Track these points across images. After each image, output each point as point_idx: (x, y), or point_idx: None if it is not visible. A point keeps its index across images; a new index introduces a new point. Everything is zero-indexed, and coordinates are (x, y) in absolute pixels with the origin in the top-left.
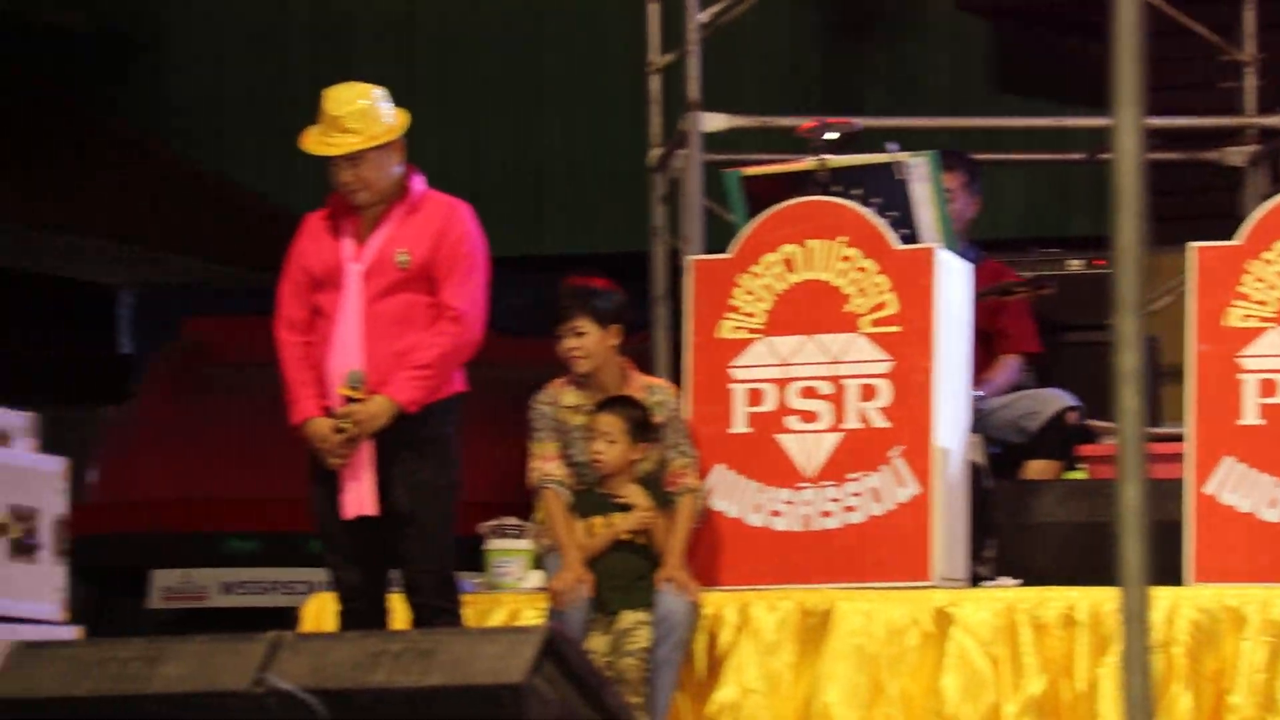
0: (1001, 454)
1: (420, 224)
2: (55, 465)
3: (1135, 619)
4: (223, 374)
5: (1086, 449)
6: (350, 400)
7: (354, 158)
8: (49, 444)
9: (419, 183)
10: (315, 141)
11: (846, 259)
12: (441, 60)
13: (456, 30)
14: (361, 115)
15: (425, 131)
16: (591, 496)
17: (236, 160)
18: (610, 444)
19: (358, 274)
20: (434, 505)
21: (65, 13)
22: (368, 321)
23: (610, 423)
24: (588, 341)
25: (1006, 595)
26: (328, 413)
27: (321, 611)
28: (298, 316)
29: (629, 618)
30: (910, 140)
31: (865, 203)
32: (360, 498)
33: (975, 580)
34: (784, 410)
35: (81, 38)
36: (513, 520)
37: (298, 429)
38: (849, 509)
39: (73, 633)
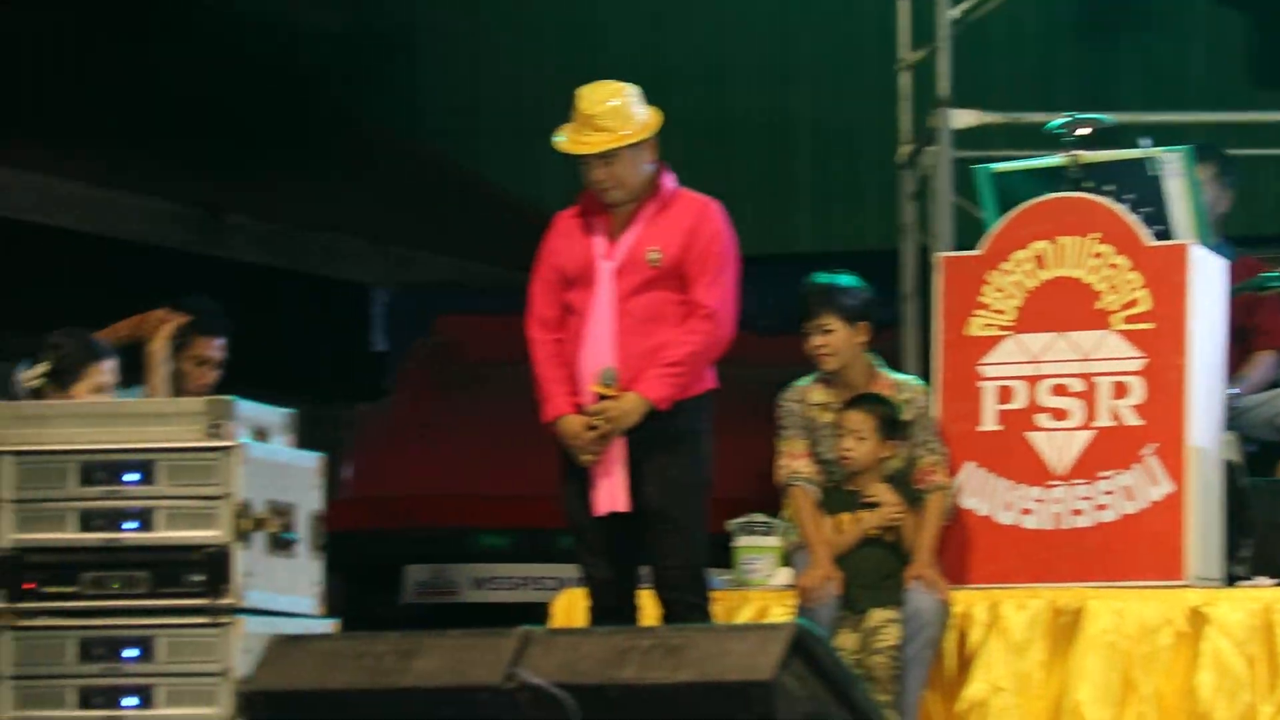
0: (1258, 452)
1: (672, 222)
2: (312, 461)
3: None
4: (475, 371)
5: None
6: (603, 397)
7: (607, 156)
8: (306, 440)
9: (670, 180)
10: (569, 140)
11: (1098, 255)
12: (690, 58)
13: (705, 28)
14: (615, 114)
15: (678, 132)
16: (840, 493)
17: (490, 159)
18: (859, 441)
19: (609, 272)
20: (685, 502)
21: (321, 15)
22: (619, 319)
23: (859, 420)
24: (835, 339)
25: (1263, 595)
26: (580, 410)
27: (572, 607)
28: (549, 314)
29: (878, 615)
30: (1164, 136)
31: (1118, 199)
32: (612, 494)
33: (1231, 580)
34: (1034, 408)
35: (337, 39)
36: (761, 517)
37: (549, 426)
38: (1101, 507)
39: (329, 627)
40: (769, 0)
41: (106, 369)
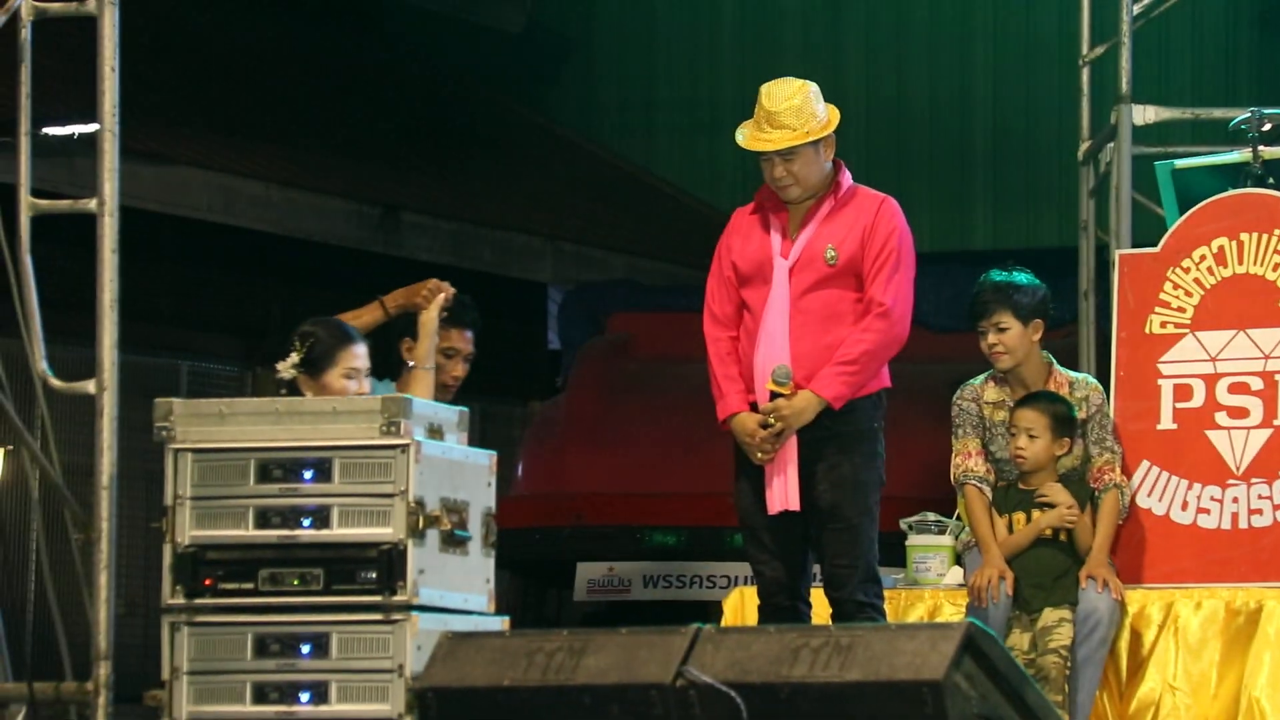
0: None
1: (849, 220)
2: (485, 459)
3: None
4: (647, 369)
5: None
6: (777, 395)
7: (788, 153)
8: (479, 437)
9: (847, 178)
10: (750, 136)
11: None
12: (869, 55)
13: (884, 25)
14: (796, 111)
15: (854, 129)
16: (1013, 492)
17: (664, 157)
18: (1032, 439)
19: (786, 269)
20: (858, 500)
21: (500, 13)
22: (795, 317)
23: (1032, 418)
24: (1009, 337)
25: None
26: (754, 408)
27: (742, 605)
28: (725, 312)
29: (1051, 615)
30: None
31: None
32: (785, 493)
33: None
34: (1213, 406)
35: (516, 38)
36: (934, 516)
37: (724, 424)
38: (1279, 507)
39: (500, 624)
40: (950, 2)
41: (358, 353)
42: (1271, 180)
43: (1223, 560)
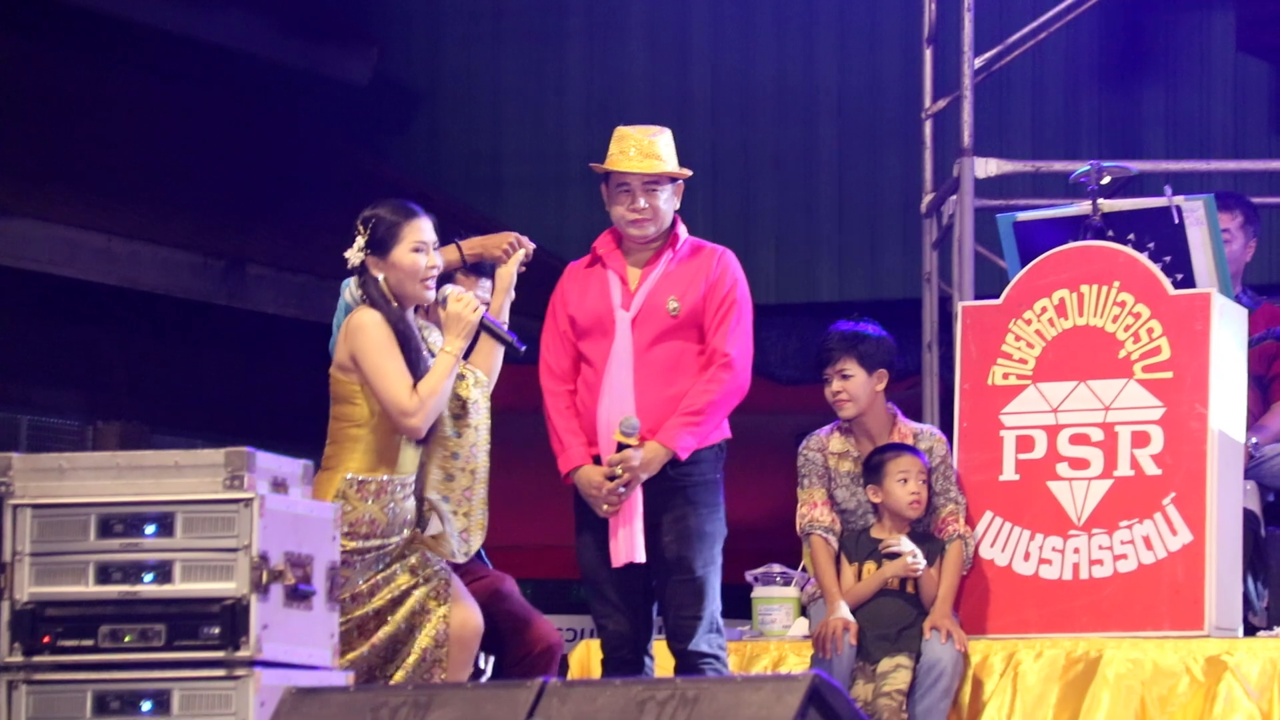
0: (1276, 501)
1: (689, 272)
2: (329, 512)
3: None
4: (497, 422)
5: None
6: (624, 446)
7: (653, 185)
8: None
9: (683, 230)
10: (633, 160)
11: (1120, 304)
12: (716, 114)
13: (729, 75)
14: (667, 145)
15: (701, 182)
16: (859, 542)
17: (511, 210)
18: (923, 484)
19: (627, 321)
20: (703, 552)
21: (347, 66)
22: (639, 369)
23: (919, 463)
24: (853, 385)
25: None
26: (596, 461)
27: (588, 658)
28: (562, 366)
29: (888, 662)
30: (1187, 184)
31: (1139, 247)
32: (631, 545)
33: (1249, 630)
34: (1054, 457)
35: (362, 90)
36: (779, 567)
37: (566, 477)
38: (1120, 557)
39: (345, 679)
40: (794, 49)
41: (423, 227)
42: (1111, 233)
43: (1064, 611)
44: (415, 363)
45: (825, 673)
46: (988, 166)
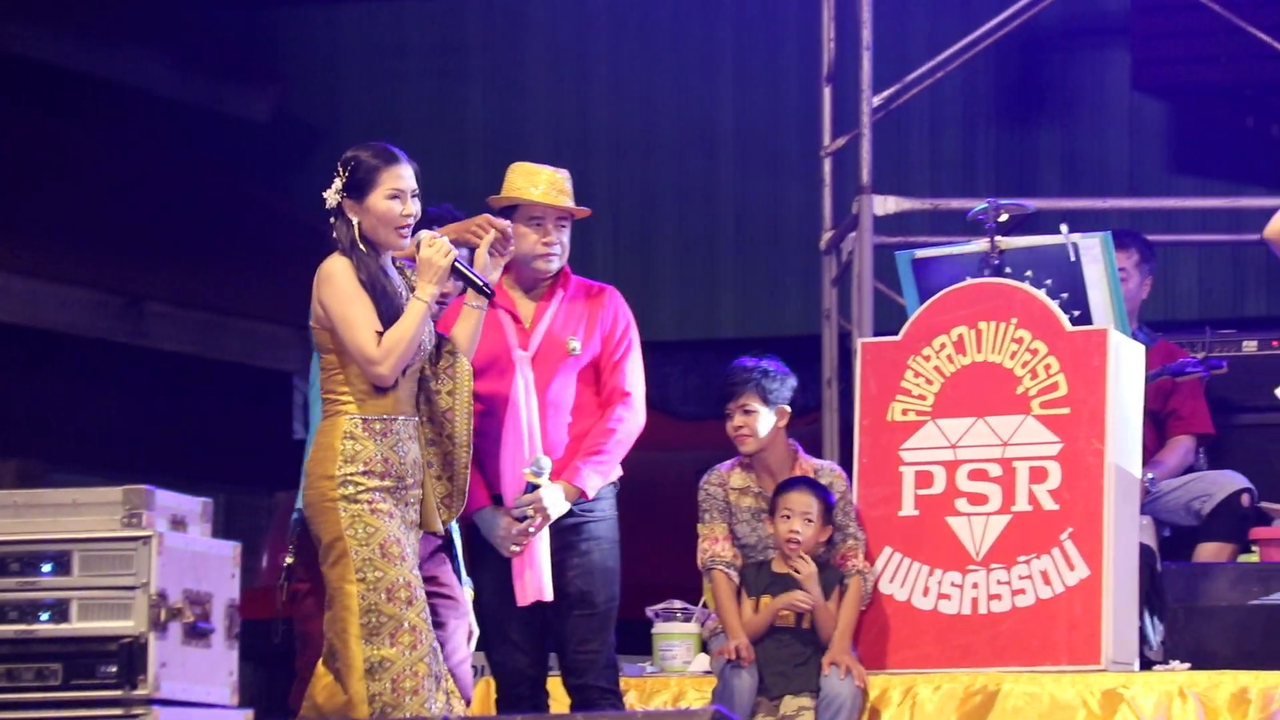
0: (1173, 536)
1: (581, 310)
2: (228, 550)
3: None
4: None
5: (1260, 532)
6: (533, 487)
7: (567, 219)
8: (223, 528)
9: (568, 268)
10: (546, 194)
11: (1017, 341)
12: (616, 150)
13: (628, 114)
14: (569, 184)
15: (601, 217)
16: (759, 575)
17: None
18: (808, 523)
19: (526, 360)
20: (606, 587)
21: (248, 104)
22: (542, 408)
23: (806, 502)
24: (754, 420)
25: (1177, 678)
26: (496, 501)
27: (488, 695)
28: None
29: (791, 703)
30: (1084, 222)
31: (1037, 284)
32: (538, 583)
33: (1146, 664)
34: (953, 493)
35: (263, 128)
36: (680, 603)
37: (466, 518)
38: (1018, 592)
39: (243, 717)
40: (694, 86)
41: (403, 174)
42: (1009, 270)
43: (963, 645)
44: (387, 310)
45: (726, 709)
46: (886, 204)
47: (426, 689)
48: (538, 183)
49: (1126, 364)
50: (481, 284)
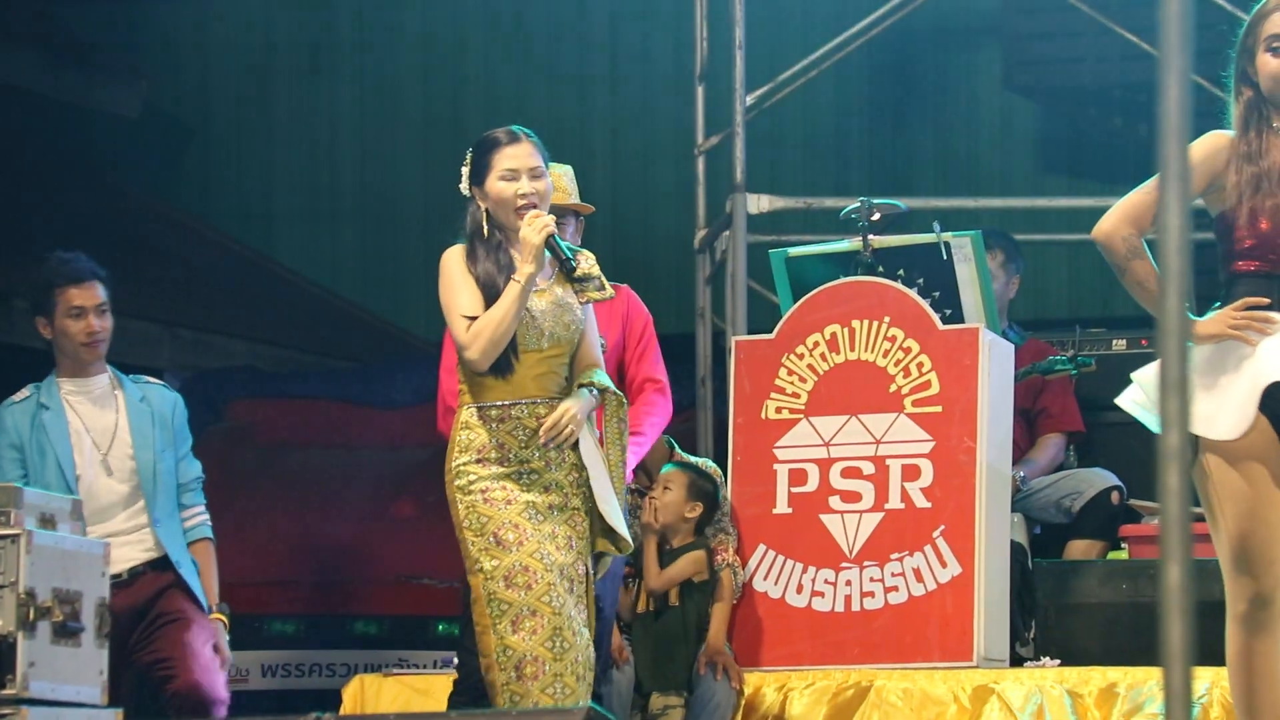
0: (1044, 534)
1: (605, 309)
2: (99, 548)
3: (1178, 699)
4: (268, 457)
5: (1129, 529)
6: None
7: (572, 218)
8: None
9: None
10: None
11: (890, 339)
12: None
13: (503, 111)
14: (572, 180)
15: None
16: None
17: (284, 244)
18: (666, 490)
19: None
20: (612, 594)
21: (117, 99)
22: None
23: (671, 474)
24: None
25: (1047, 674)
26: None
27: (361, 693)
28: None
29: (658, 700)
30: (956, 221)
31: (909, 283)
32: None
33: (1017, 661)
34: (827, 490)
35: (133, 123)
36: None
37: None
38: (891, 589)
39: (114, 717)
40: (568, 84)
41: (515, 154)
42: (881, 268)
43: (837, 642)
44: (493, 298)
45: (600, 706)
46: (760, 203)
47: (551, 672)
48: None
49: (997, 362)
50: (565, 258)
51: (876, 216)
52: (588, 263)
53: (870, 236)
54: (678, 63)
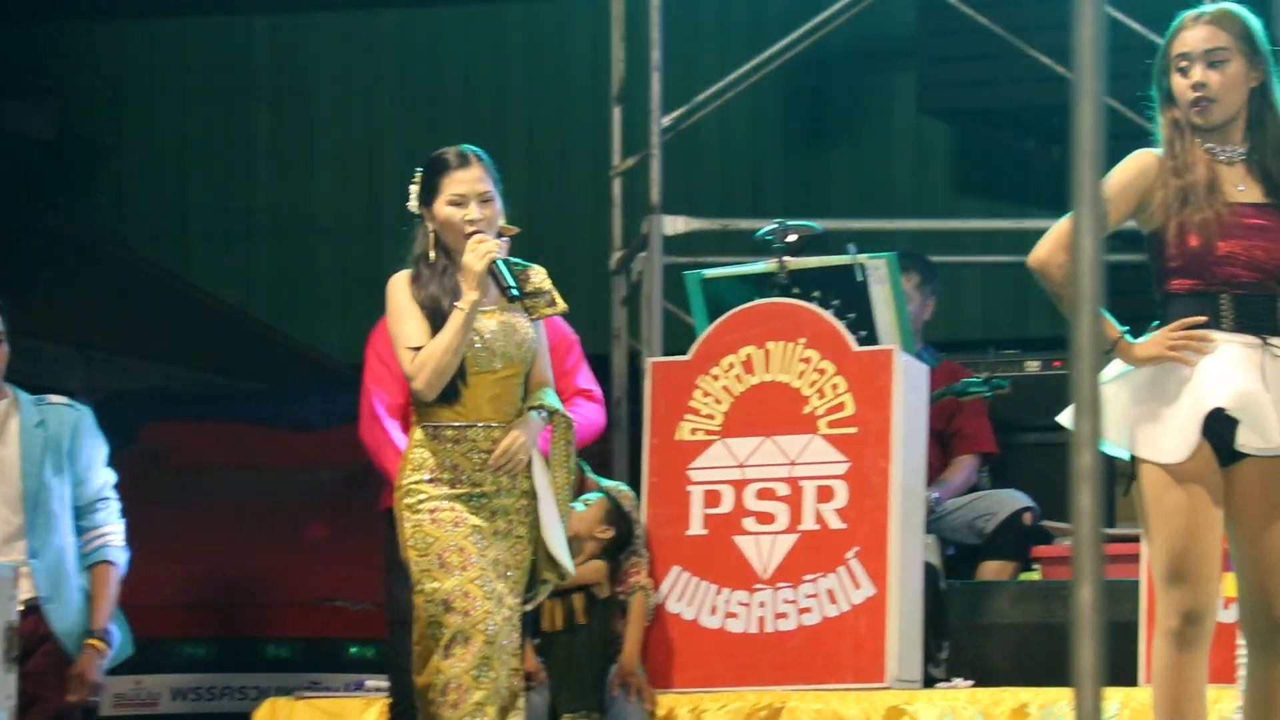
0: (957, 555)
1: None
2: (6, 572)
3: (1089, 719)
4: (182, 479)
5: (1042, 550)
6: None
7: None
8: None
9: None
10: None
11: (805, 360)
12: (404, 167)
13: (420, 129)
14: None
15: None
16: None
17: (198, 265)
18: (584, 503)
19: None
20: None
21: (29, 120)
22: None
23: (599, 499)
24: None
25: (960, 695)
26: None
27: (273, 716)
28: (397, 404)
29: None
30: (871, 242)
31: (824, 305)
32: None
33: (929, 681)
34: (741, 512)
35: (45, 145)
36: None
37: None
38: (804, 610)
39: None
40: (484, 105)
41: (463, 178)
42: (797, 290)
43: (750, 664)
44: (438, 325)
45: None
46: (676, 224)
47: (473, 701)
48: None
49: (912, 384)
50: (507, 285)
51: (792, 238)
52: (538, 278)
53: (786, 258)
54: (594, 84)
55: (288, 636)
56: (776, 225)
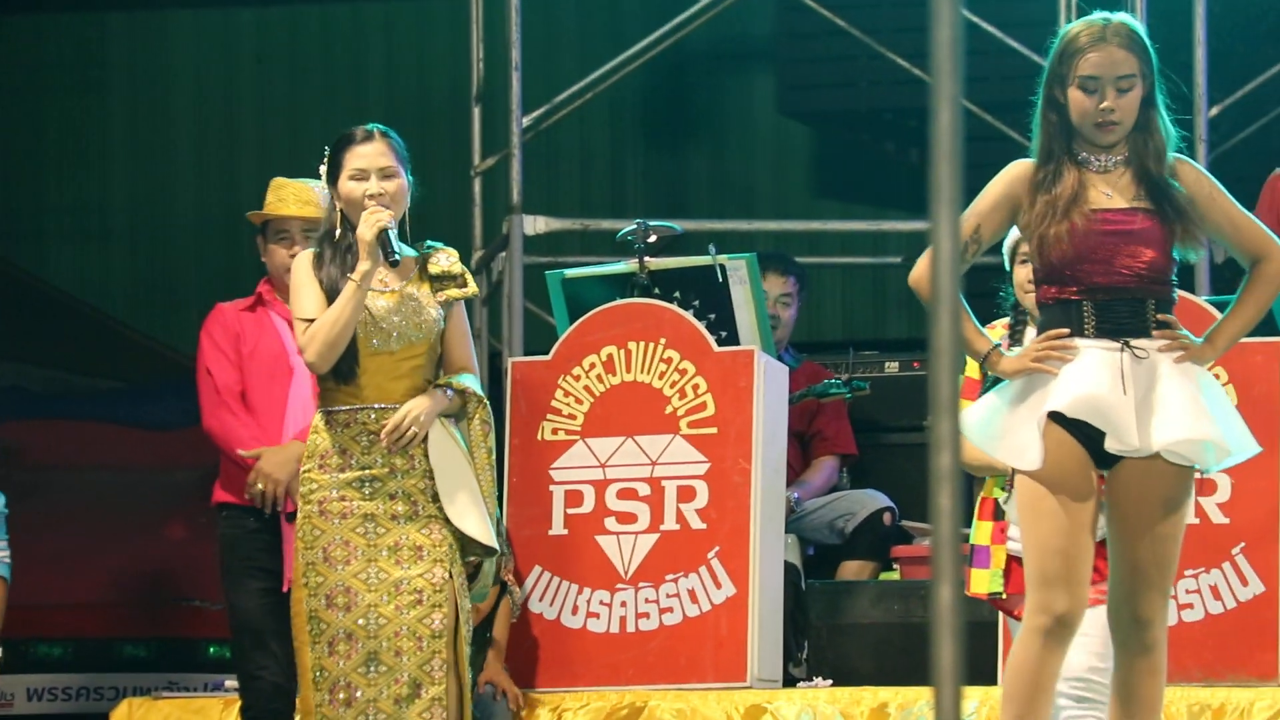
0: (817, 554)
1: None
2: None
3: (948, 718)
4: (36, 479)
5: (901, 550)
6: None
7: (315, 229)
8: None
9: None
10: (292, 207)
11: (666, 361)
12: (261, 167)
13: (277, 132)
14: (325, 195)
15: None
16: None
17: (54, 264)
18: None
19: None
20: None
21: None
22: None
23: None
24: None
25: (820, 694)
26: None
27: (130, 716)
28: (238, 402)
29: None
30: (731, 243)
31: (685, 305)
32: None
33: (790, 681)
34: (603, 512)
35: None
36: None
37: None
38: (666, 610)
39: None
40: (342, 105)
41: (364, 152)
42: (657, 290)
43: (612, 664)
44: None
45: None
46: (536, 224)
47: (364, 698)
48: (283, 196)
49: (772, 384)
50: (390, 252)
51: (652, 238)
52: (448, 260)
53: (646, 258)
54: (454, 84)
55: (145, 636)
56: (637, 225)
